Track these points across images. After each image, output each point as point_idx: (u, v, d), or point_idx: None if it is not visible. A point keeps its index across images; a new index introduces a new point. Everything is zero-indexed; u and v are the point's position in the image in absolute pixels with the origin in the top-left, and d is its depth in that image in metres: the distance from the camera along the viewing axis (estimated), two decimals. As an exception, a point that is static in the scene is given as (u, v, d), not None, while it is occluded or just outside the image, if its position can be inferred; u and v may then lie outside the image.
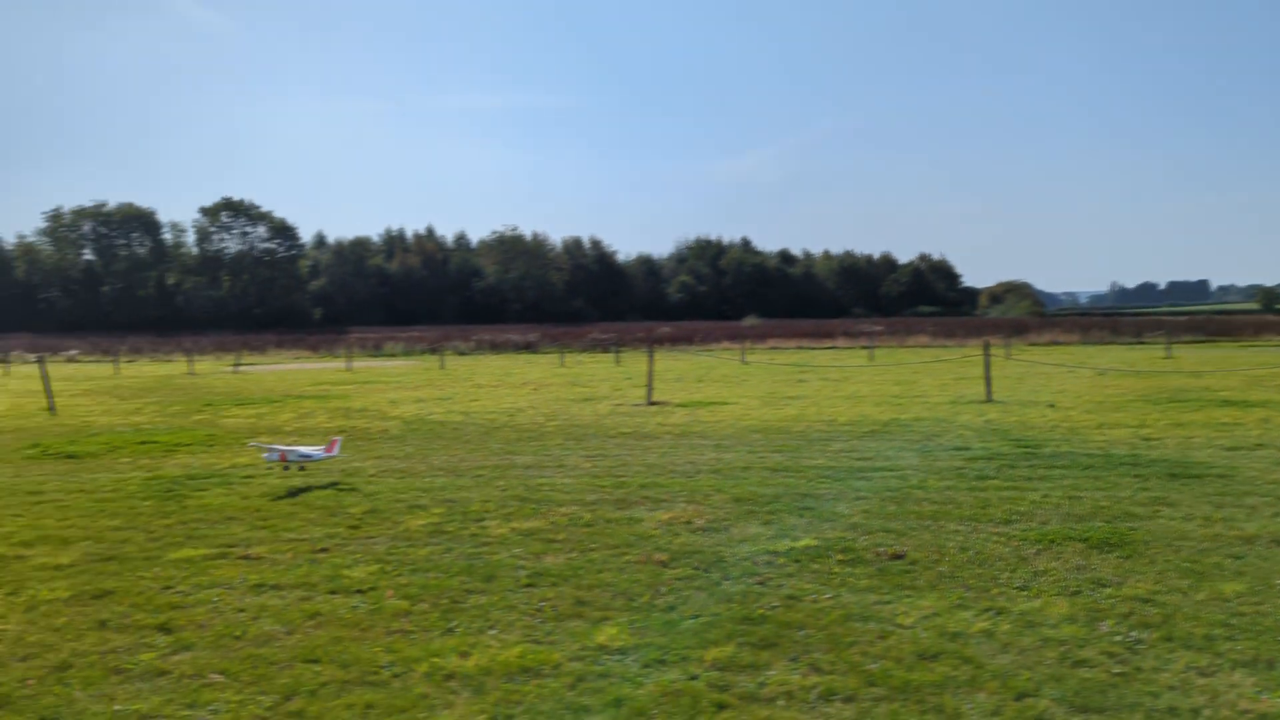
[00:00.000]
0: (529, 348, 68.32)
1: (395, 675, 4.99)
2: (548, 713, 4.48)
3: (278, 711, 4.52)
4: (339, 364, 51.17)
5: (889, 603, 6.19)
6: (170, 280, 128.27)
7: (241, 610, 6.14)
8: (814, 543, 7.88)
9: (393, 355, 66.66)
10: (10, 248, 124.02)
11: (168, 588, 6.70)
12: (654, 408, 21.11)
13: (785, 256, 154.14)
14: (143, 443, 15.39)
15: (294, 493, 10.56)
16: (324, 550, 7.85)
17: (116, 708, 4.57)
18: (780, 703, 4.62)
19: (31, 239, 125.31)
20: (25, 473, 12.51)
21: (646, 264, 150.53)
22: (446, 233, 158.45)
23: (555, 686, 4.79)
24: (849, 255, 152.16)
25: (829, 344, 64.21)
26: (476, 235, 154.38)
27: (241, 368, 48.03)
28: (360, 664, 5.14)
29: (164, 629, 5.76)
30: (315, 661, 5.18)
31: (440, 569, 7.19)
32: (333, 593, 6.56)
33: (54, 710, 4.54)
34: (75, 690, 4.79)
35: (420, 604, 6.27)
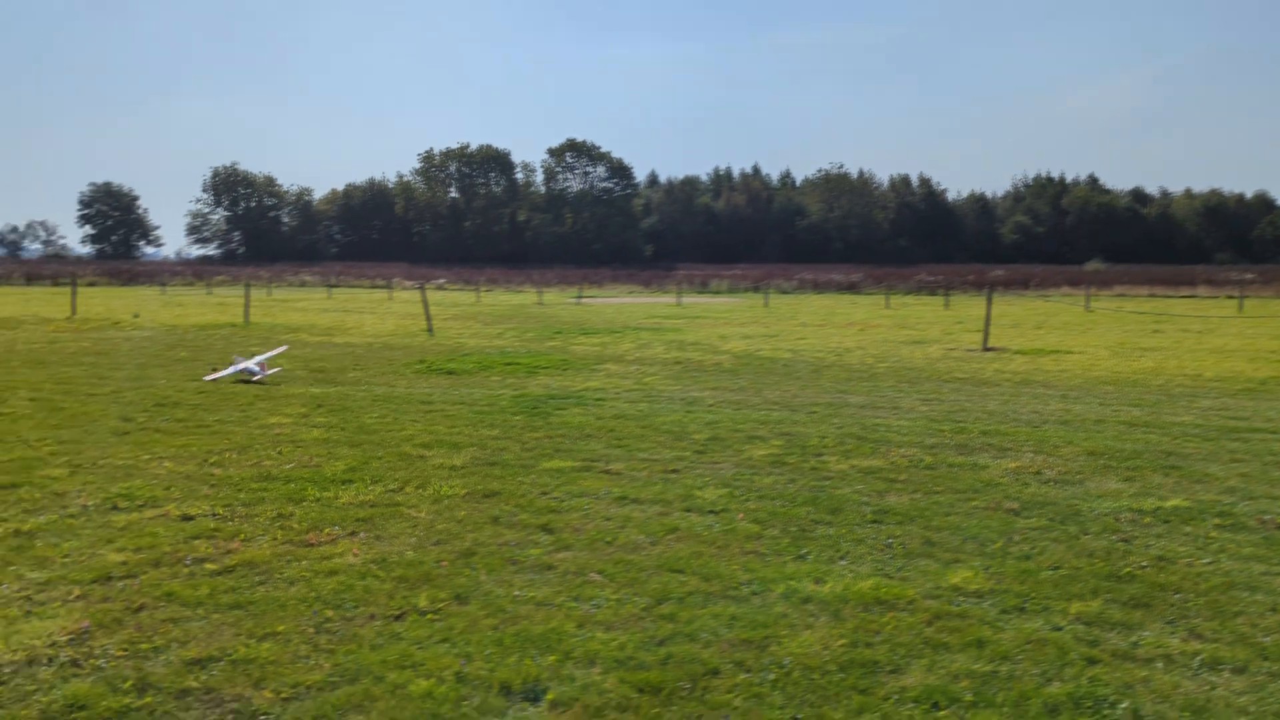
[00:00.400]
0: (852, 288, 67.32)
1: (754, 593, 5.26)
2: (906, 645, 4.55)
3: (651, 613, 4.93)
4: (669, 299, 53.24)
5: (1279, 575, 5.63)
6: (520, 217, 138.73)
7: (608, 519, 6.71)
8: (1185, 504, 7.28)
9: (718, 292, 68.31)
10: (391, 186, 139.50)
11: (544, 493, 7.43)
12: (990, 354, 20.18)
13: (1138, 195, 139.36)
14: (508, 364, 16.98)
15: (635, 418, 11.26)
16: (675, 471, 8.34)
17: (515, 593, 5.19)
18: (1158, 665, 4.38)
19: (408, 178, 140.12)
20: (416, 385, 14.25)
21: (979, 203, 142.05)
22: (772, 171, 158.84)
23: (912, 621, 4.84)
24: (1215, 195, 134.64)
25: (1187, 292, 57.68)
26: (801, 174, 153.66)
27: (583, 300, 51.27)
28: (720, 578, 5.47)
29: (546, 529, 6.43)
30: (679, 572, 5.57)
31: (785, 498, 7.41)
32: (687, 510, 6.98)
33: (465, 589, 5.24)
34: (480, 574, 5.50)
35: (770, 529, 6.53)
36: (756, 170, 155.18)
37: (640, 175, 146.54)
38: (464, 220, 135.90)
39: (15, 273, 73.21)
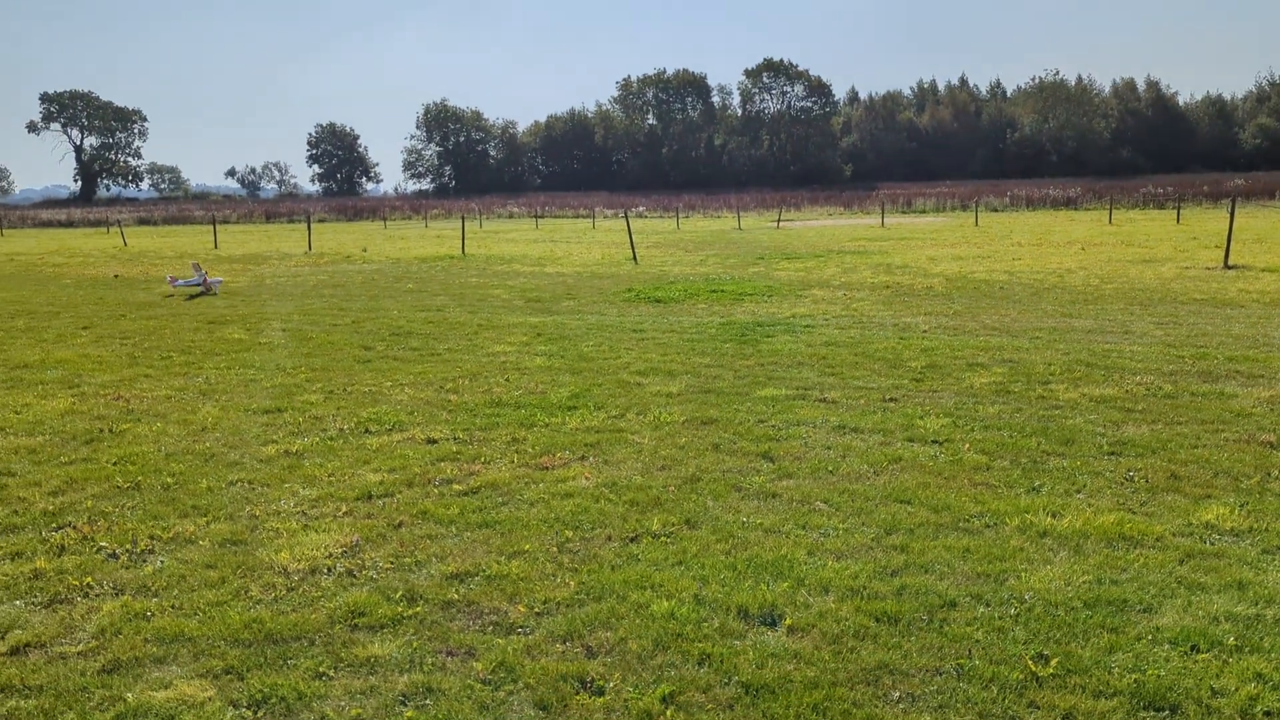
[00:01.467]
0: (1070, 203, 63.02)
1: (986, 525, 5.15)
2: (1158, 584, 4.34)
3: (881, 544, 4.92)
4: (872, 220, 51.63)
5: None
6: (717, 141, 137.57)
7: (829, 448, 6.70)
8: None
9: (923, 212, 65.63)
10: (591, 116, 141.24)
11: (761, 421, 7.49)
12: (1232, 271, 18.50)
13: None
14: (713, 291, 17.06)
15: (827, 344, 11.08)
16: (893, 400, 8.19)
17: (743, 519, 5.30)
18: None
19: (607, 107, 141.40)
20: (626, 313, 14.58)
21: (1215, 106, 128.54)
22: (980, 82, 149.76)
23: (1162, 559, 4.61)
24: None
25: None
26: (1012, 84, 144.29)
27: (783, 224, 50.55)
28: (950, 510, 5.38)
29: (766, 457, 6.50)
30: (907, 503, 5.51)
31: (1012, 428, 7.16)
32: (910, 440, 6.87)
33: (694, 514, 5.40)
34: (707, 500, 5.64)
35: (998, 460, 6.33)
36: (964, 81, 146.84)
37: (839, 92, 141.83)
38: (661, 147, 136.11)
39: (256, 211, 79.59)
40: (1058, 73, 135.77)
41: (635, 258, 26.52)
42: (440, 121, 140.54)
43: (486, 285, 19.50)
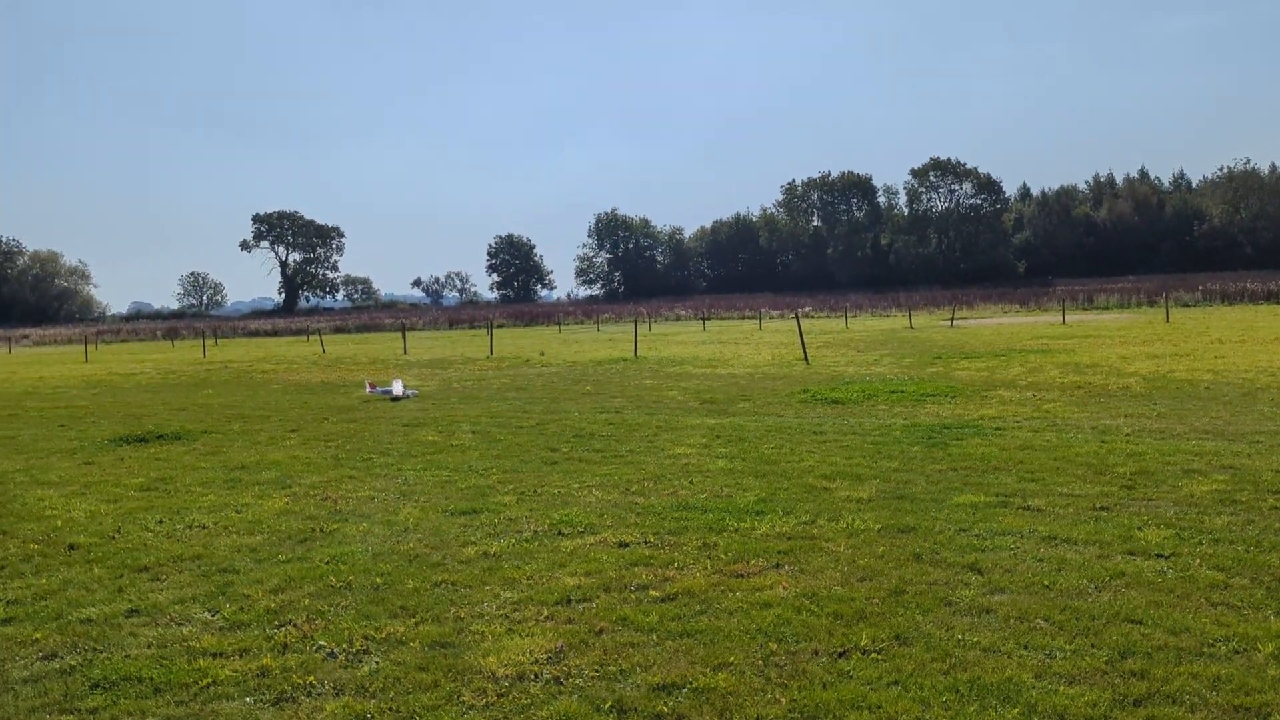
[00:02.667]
0: (1271, 297, 58.74)
1: (1235, 651, 4.69)
2: None
3: (1117, 668, 4.55)
4: (1051, 318, 49.62)
5: None
6: (883, 240, 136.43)
7: (1041, 560, 6.31)
8: None
9: (1106, 308, 62.65)
10: (755, 219, 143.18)
11: (962, 530, 7.16)
12: None
13: None
14: (892, 392, 16.66)
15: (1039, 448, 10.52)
16: (1105, 509, 7.69)
17: (958, 636, 5.02)
18: None
19: (771, 210, 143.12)
20: (804, 415, 14.40)
21: None
22: (1162, 174, 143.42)
23: None
24: None
25: None
26: (1198, 174, 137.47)
27: (956, 322, 49.24)
28: (1190, 633, 4.93)
29: (973, 569, 6.18)
30: (1138, 623, 5.10)
31: (1248, 542, 6.56)
32: (1130, 553, 6.40)
33: (904, 629, 5.16)
34: (915, 614, 5.39)
35: (1237, 578, 5.80)
36: (1144, 174, 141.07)
37: (1010, 189, 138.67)
38: (826, 248, 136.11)
39: (440, 318, 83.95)
40: (1249, 161, 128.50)
41: (806, 358, 26.31)
42: (610, 229, 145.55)
43: (661, 387, 19.72)
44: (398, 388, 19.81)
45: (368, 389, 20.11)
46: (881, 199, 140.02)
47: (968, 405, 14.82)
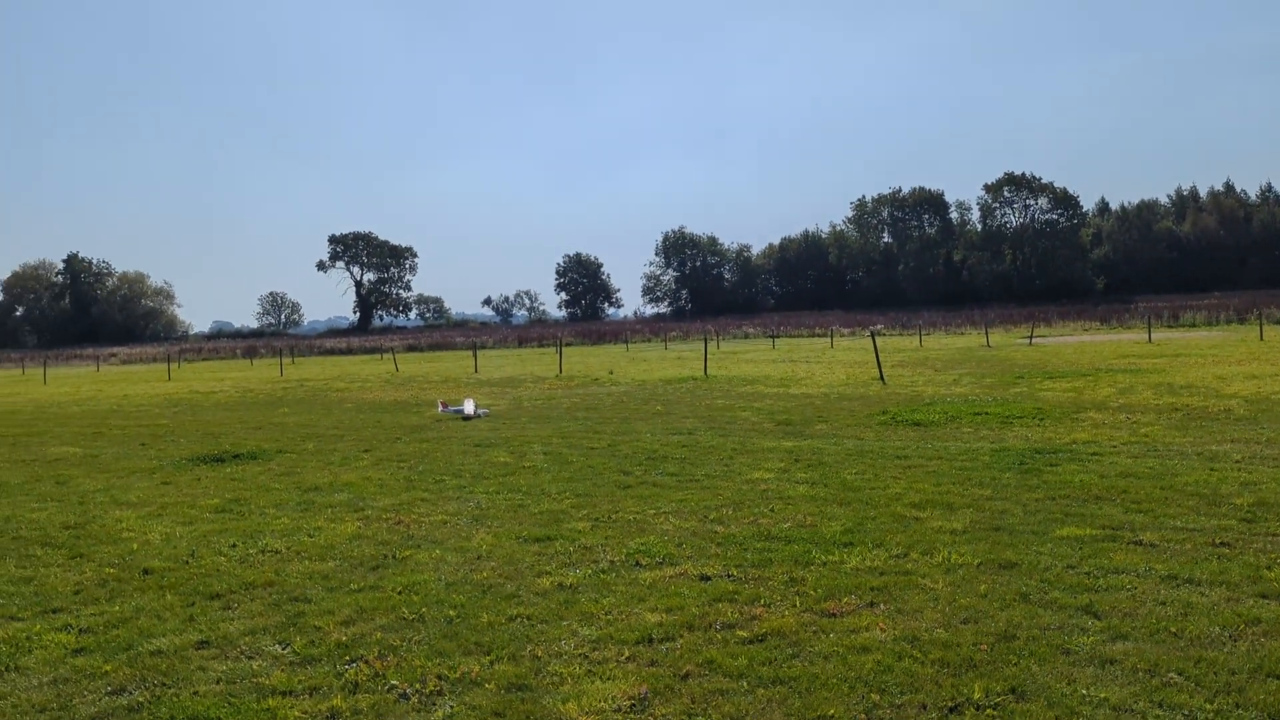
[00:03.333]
0: (1374, 312, 56.09)
1: (1402, 715, 4.17)
2: None
3: (1271, 733, 4.08)
4: (1135, 336, 47.97)
5: None
6: (956, 257, 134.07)
7: (1162, 603, 5.81)
8: None
9: (1193, 325, 60.48)
10: (824, 236, 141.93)
11: (1071, 567, 6.66)
12: None
13: None
14: (976, 414, 16.04)
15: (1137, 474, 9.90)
16: (1226, 544, 7.11)
17: (1081, 691, 4.58)
18: None
19: (840, 227, 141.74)
20: (885, 438, 13.89)
21: None
22: (1249, 186, 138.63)
23: None
24: None
25: None
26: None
27: (1035, 340, 47.89)
28: (1347, 692, 4.43)
29: (1089, 611, 5.70)
30: (1281, 678, 4.60)
31: (1394, 586, 5.97)
32: (1262, 596, 5.86)
33: (1019, 681, 4.72)
34: (1030, 663, 4.95)
35: (1389, 628, 5.25)
36: (1229, 187, 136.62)
37: (1087, 203, 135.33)
38: (897, 264, 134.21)
39: (510, 337, 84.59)
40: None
41: (883, 377, 25.67)
42: (678, 247, 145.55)
43: (733, 407, 19.33)
44: (469, 407, 19.75)
45: (440, 408, 20.09)
46: (954, 215, 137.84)
47: (1057, 428, 14.16)
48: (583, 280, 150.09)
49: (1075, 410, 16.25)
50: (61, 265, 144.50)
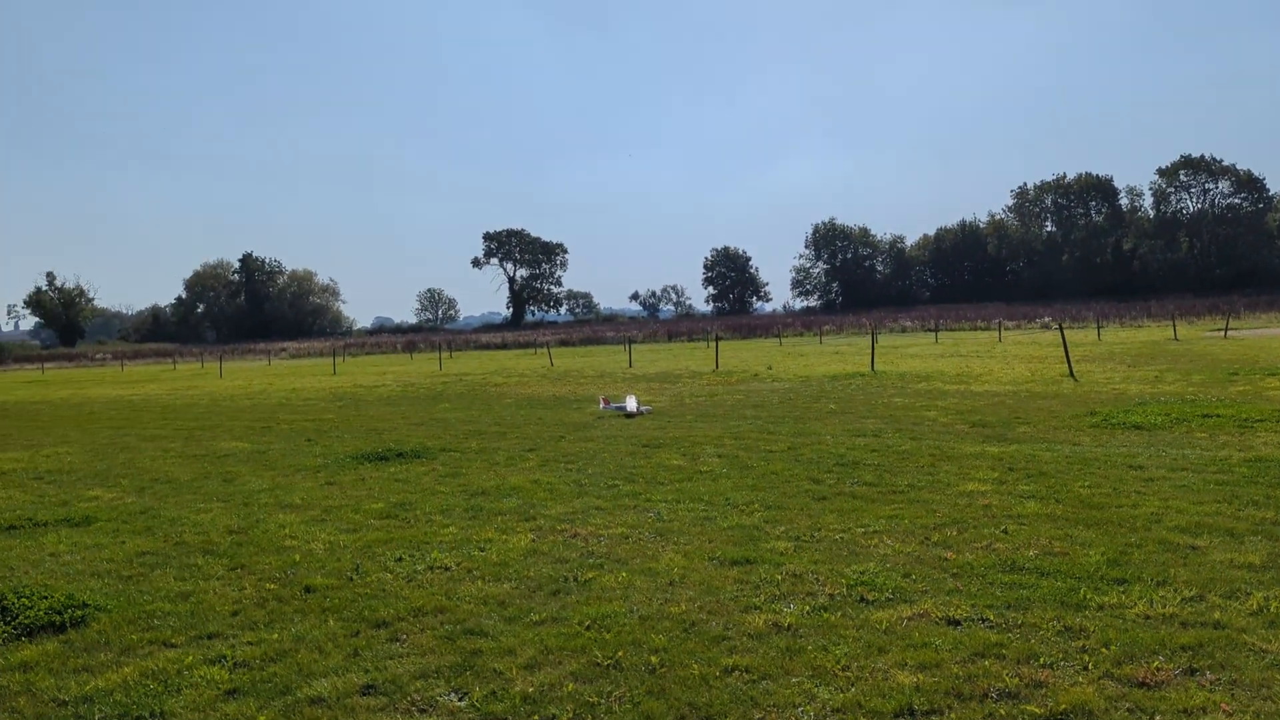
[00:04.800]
0: None
1: None
2: None
3: None
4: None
5: None
6: (1126, 245, 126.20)
7: None
8: None
9: None
10: (983, 226, 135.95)
11: None
12: None
13: None
14: (1204, 416, 14.10)
15: None
16: None
17: None
18: None
19: (1000, 216, 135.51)
20: (1106, 443, 12.21)
21: None
22: None
23: None
24: None
25: None
26: None
27: (1230, 333, 43.88)
28: None
29: None
30: None
31: None
32: None
33: None
34: None
35: None
36: None
37: (1274, 186, 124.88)
38: (1061, 254, 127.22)
39: (659, 331, 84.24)
40: None
41: (1073, 373, 23.53)
42: (828, 239, 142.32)
43: (914, 406, 17.82)
44: (631, 404, 18.93)
45: (601, 404, 19.36)
46: (1124, 201, 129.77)
47: (1317, 435, 12.17)
48: (731, 274, 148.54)
49: (1324, 413, 14.08)
50: (237, 264, 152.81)
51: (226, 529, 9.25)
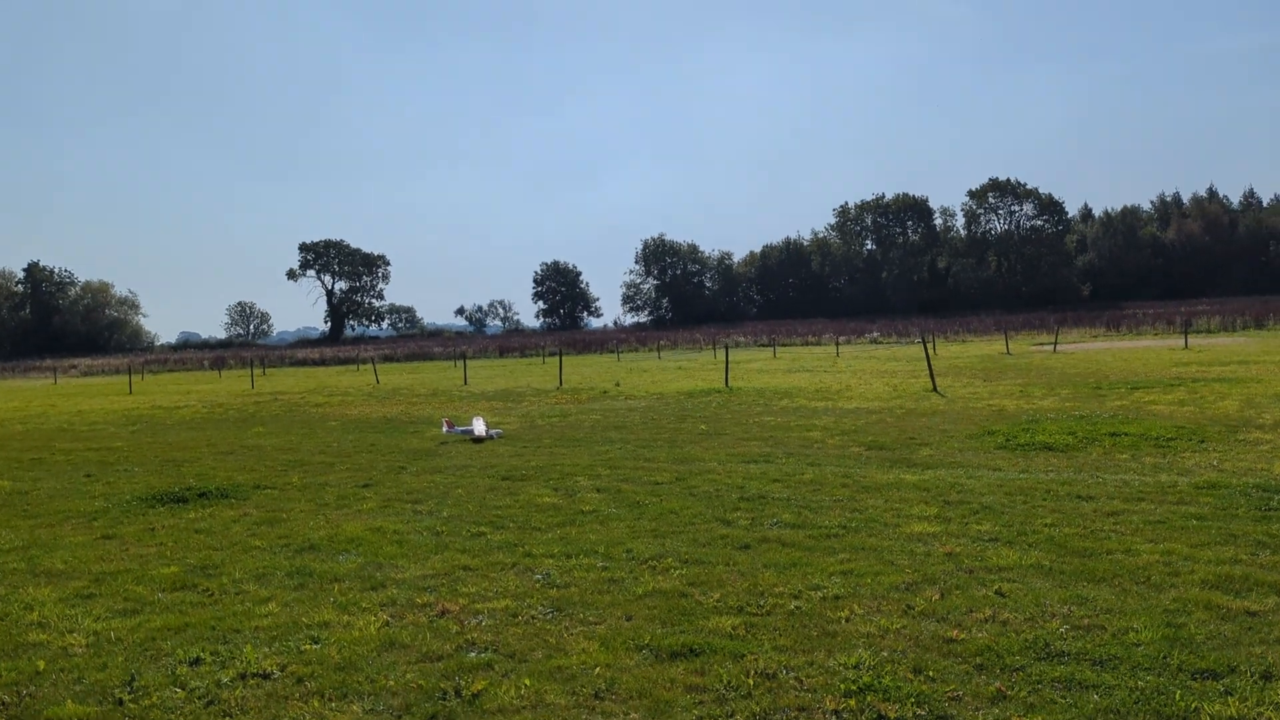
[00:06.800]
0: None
1: None
2: None
3: None
4: (1160, 343, 45.71)
5: None
6: (940, 263, 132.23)
7: None
8: None
9: (1209, 331, 58.43)
10: (807, 244, 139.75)
11: None
12: None
13: None
14: (1111, 435, 13.22)
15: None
16: None
17: None
18: None
19: (823, 234, 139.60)
20: (1025, 466, 10.99)
21: None
22: (1231, 193, 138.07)
23: None
24: None
25: None
26: (1269, 192, 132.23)
27: (1059, 348, 45.43)
28: None
29: None
30: None
31: None
32: None
33: None
34: None
35: None
36: (1213, 193, 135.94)
37: (1071, 209, 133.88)
38: (880, 271, 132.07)
39: (490, 347, 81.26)
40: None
41: (936, 387, 22.90)
42: (658, 255, 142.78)
43: (792, 425, 16.43)
44: (479, 427, 16.70)
45: (445, 428, 17.04)
46: (938, 221, 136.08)
47: (1244, 451, 11.38)
48: (561, 289, 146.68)
49: (1228, 429, 13.46)
50: (21, 274, 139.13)
51: (-56, 617, 6.61)
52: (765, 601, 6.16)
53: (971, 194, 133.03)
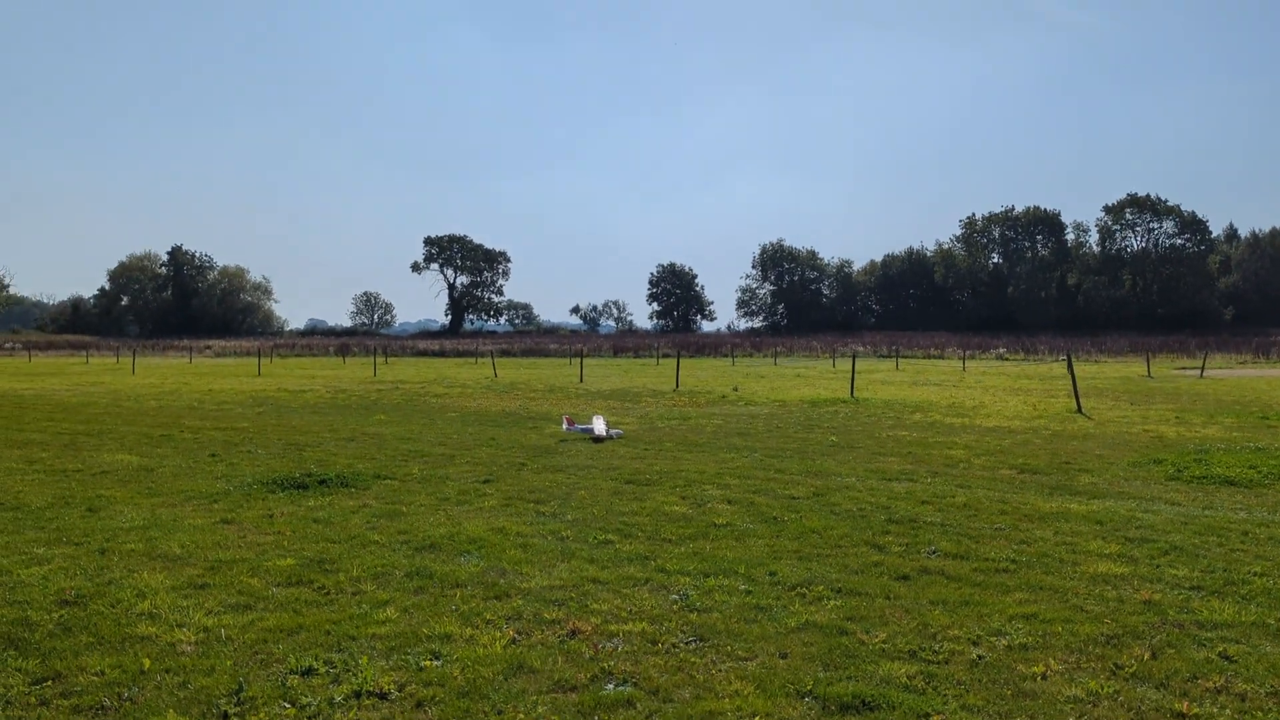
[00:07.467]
0: None
1: None
2: None
3: None
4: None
5: None
6: (1070, 280, 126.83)
7: None
8: None
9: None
10: (930, 254, 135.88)
11: None
12: None
13: None
14: (1300, 472, 11.85)
15: None
16: None
17: None
18: None
19: (948, 245, 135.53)
20: (1210, 502, 9.82)
21: None
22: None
23: None
24: None
25: None
26: None
27: (1206, 373, 42.59)
28: None
29: None
30: None
31: None
32: None
33: None
34: None
35: None
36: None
37: (1215, 229, 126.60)
38: (1006, 286, 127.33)
39: (604, 346, 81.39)
40: None
41: (1080, 408, 21.41)
42: (775, 260, 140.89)
43: (930, 442, 15.40)
44: (600, 426, 16.20)
45: (565, 425, 16.60)
46: (1070, 236, 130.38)
47: None
48: (676, 291, 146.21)
49: None
50: (166, 257, 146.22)
51: (59, 596, 6.36)
52: (941, 647, 5.36)
53: (1108, 209, 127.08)
